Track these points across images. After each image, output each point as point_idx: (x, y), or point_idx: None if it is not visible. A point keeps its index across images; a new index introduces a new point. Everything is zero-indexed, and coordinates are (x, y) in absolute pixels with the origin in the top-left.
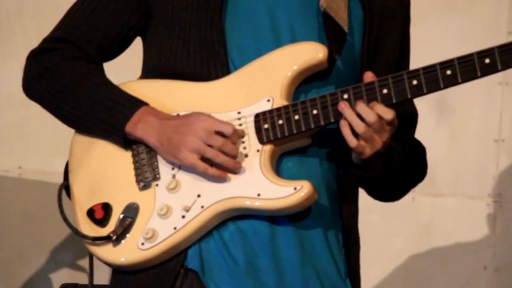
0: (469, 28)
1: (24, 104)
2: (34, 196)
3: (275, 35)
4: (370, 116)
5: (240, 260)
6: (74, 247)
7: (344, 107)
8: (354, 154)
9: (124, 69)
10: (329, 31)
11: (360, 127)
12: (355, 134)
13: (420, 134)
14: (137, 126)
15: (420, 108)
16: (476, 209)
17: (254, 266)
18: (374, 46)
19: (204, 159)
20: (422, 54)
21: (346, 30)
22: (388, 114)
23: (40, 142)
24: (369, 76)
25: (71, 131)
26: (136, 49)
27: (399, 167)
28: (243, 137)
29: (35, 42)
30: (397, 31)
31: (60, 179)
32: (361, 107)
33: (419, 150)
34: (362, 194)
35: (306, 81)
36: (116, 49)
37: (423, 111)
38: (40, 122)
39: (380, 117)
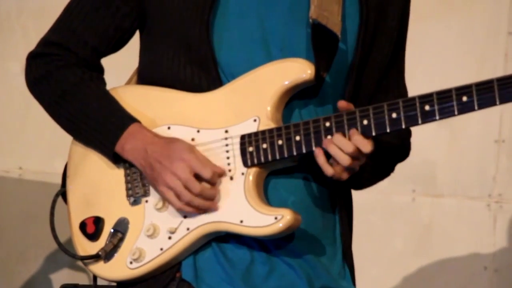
0: (469, 28)
1: (24, 104)
2: (34, 196)
3: (265, 46)
4: (348, 147)
5: (238, 266)
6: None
7: (328, 143)
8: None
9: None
10: (318, 45)
11: (345, 161)
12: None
13: (421, 134)
14: (125, 148)
15: None
16: (476, 210)
17: (251, 272)
18: (370, 44)
19: None
20: (422, 54)
21: (339, 36)
22: (366, 147)
23: (40, 142)
24: (342, 106)
25: None
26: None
27: (371, 172)
28: (225, 175)
29: (35, 43)
30: (393, 29)
31: (60, 180)
32: (339, 139)
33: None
34: (362, 194)
35: (297, 95)
36: (112, 49)
37: None
38: (40, 122)
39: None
